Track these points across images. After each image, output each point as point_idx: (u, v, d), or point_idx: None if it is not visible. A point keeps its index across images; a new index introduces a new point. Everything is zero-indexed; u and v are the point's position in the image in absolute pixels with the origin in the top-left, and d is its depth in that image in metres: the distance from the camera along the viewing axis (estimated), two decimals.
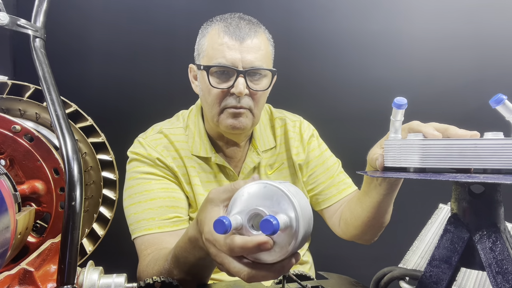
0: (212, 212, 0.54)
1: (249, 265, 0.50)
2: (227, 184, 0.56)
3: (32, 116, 0.72)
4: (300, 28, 1.74)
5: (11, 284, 0.46)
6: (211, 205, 0.56)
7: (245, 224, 0.49)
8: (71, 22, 1.63)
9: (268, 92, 1.02)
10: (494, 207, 0.46)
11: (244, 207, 0.50)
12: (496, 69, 1.72)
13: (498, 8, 1.73)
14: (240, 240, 0.48)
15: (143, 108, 1.66)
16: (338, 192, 1.10)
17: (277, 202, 0.48)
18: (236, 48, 0.93)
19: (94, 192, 0.76)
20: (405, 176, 0.49)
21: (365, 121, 1.68)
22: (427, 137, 0.60)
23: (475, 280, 0.62)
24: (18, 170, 0.63)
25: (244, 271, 0.50)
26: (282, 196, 0.48)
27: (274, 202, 0.48)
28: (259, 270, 0.50)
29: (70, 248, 0.47)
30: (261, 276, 0.50)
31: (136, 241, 0.95)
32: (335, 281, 0.74)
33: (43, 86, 0.56)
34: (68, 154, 0.50)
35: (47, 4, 0.61)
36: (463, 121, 0.75)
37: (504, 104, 0.48)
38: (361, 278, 0.76)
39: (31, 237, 0.65)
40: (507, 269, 0.43)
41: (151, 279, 0.65)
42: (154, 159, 0.99)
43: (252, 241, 0.47)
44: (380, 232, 1.02)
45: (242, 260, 0.50)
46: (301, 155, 1.11)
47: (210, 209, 0.55)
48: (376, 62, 1.75)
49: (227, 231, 0.46)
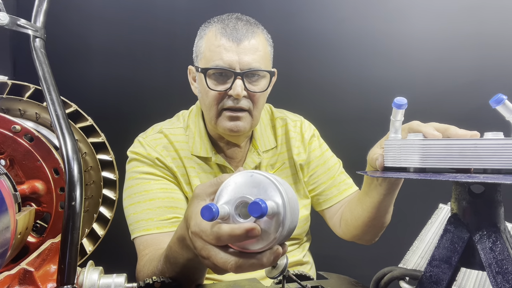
0: (198, 207, 0.54)
1: (236, 254, 0.49)
2: (212, 179, 0.56)
3: (32, 116, 0.72)
4: (300, 28, 1.74)
5: (11, 284, 0.46)
6: (197, 199, 0.56)
7: (232, 213, 0.49)
8: (71, 22, 1.63)
9: (267, 93, 1.02)
10: (494, 207, 0.46)
11: (231, 197, 0.49)
12: (496, 69, 1.72)
13: (498, 8, 1.73)
14: (227, 227, 0.48)
15: (143, 108, 1.66)
16: (339, 193, 1.10)
17: (264, 190, 0.48)
18: (233, 49, 0.93)
19: (94, 192, 0.76)
20: (405, 176, 0.49)
21: (365, 121, 1.68)
22: (427, 137, 0.60)
23: (475, 280, 0.62)
24: (18, 170, 0.63)
25: (232, 261, 0.49)
26: (269, 184, 0.48)
27: (261, 189, 0.48)
28: (246, 258, 0.49)
29: (70, 248, 0.47)
30: (249, 265, 0.49)
31: (135, 241, 0.95)
32: (335, 281, 0.74)
33: (43, 86, 0.56)
34: (68, 154, 0.50)
35: (47, 4, 0.61)
36: (463, 121, 0.75)
37: (504, 104, 0.48)
38: (361, 278, 0.76)
39: (31, 237, 0.65)
40: (507, 269, 0.43)
41: (151, 279, 0.65)
42: (153, 159, 0.99)
43: (239, 228, 0.47)
44: (381, 232, 1.02)
45: (229, 250, 0.50)
46: (302, 155, 1.11)
47: (197, 204, 0.55)
48: (376, 62, 1.75)
49: (215, 217, 0.46)
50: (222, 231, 0.48)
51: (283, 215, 0.47)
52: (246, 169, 0.55)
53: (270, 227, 0.48)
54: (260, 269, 0.50)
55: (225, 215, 0.48)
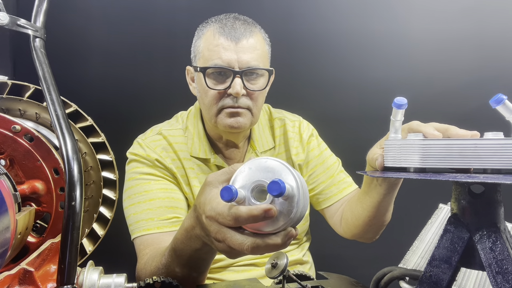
0: (211, 193, 0.55)
1: (251, 235, 0.51)
2: (225, 168, 0.57)
3: (32, 116, 0.72)
4: (300, 28, 1.74)
5: (11, 284, 0.46)
6: (209, 187, 0.56)
7: (248, 196, 0.51)
8: (71, 22, 1.63)
9: (266, 91, 1.02)
10: (494, 207, 0.46)
11: (246, 181, 0.51)
12: (496, 69, 1.72)
13: (498, 8, 1.73)
14: (245, 208, 0.49)
15: (143, 108, 1.66)
16: (338, 191, 1.10)
17: (279, 174, 0.50)
18: (232, 48, 0.93)
19: (94, 192, 0.76)
20: (405, 176, 0.49)
21: (365, 121, 1.68)
22: (427, 137, 0.60)
23: (475, 280, 0.62)
24: (18, 170, 0.63)
25: (248, 242, 0.50)
26: (283, 169, 0.51)
27: (276, 174, 0.51)
28: (262, 239, 0.51)
29: (70, 248, 0.47)
30: (264, 246, 0.51)
31: (136, 241, 0.95)
32: (335, 281, 0.74)
33: (43, 86, 0.56)
34: (68, 154, 0.50)
35: (47, 4, 0.61)
36: (463, 121, 0.75)
37: (504, 104, 0.48)
38: (361, 278, 0.76)
39: (31, 237, 0.65)
40: (507, 269, 0.43)
41: (151, 279, 0.65)
42: (153, 160, 0.99)
43: (257, 209, 0.48)
44: (381, 230, 1.02)
45: (244, 232, 0.52)
46: (301, 155, 1.11)
47: (209, 191, 0.56)
48: (376, 62, 1.75)
49: (234, 198, 0.48)
50: (240, 211, 0.50)
51: (297, 197, 0.49)
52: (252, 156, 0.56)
53: (284, 209, 0.50)
54: (274, 250, 0.52)
55: (241, 198, 0.50)
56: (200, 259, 0.68)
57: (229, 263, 1.02)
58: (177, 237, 0.68)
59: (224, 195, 0.48)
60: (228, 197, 0.48)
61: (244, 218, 0.49)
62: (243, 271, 1.03)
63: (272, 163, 0.51)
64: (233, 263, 1.03)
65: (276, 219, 0.50)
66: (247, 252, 0.51)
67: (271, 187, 0.47)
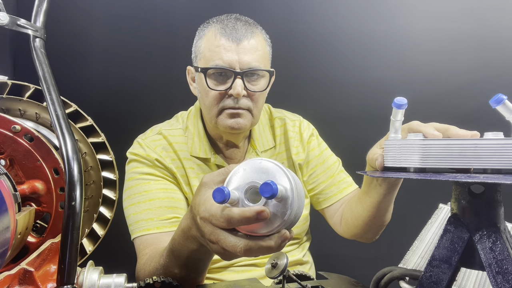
0: (206, 194, 0.55)
1: (245, 237, 0.50)
2: (220, 169, 0.57)
3: (32, 116, 0.72)
4: (300, 28, 1.74)
5: (11, 284, 0.46)
6: (205, 188, 0.56)
7: (242, 198, 0.50)
8: (71, 22, 1.63)
9: (266, 92, 1.02)
10: (494, 207, 0.46)
11: (241, 183, 0.51)
12: (496, 69, 1.72)
13: (498, 8, 1.73)
14: (238, 210, 0.49)
15: (143, 108, 1.66)
16: (339, 191, 1.10)
17: (273, 175, 0.50)
18: (233, 49, 0.93)
19: (94, 192, 0.76)
20: (405, 176, 0.49)
21: (365, 121, 1.68)
22: (427, 137, 0.60)
23: (475, 280, 0.62)
24: (18, 170, 0.63)
25: (241, 244, 0.50)
26: (277, 170, 0.50)
27: (270, 175, 0.50)
28: (255, 241, 0.50)
29: (70, 248, 0.47)
30: (257, 248, 0.50)
31: (135, 241, 0.95)
32: (335, 281, 0.74)
33: (43, 86, 0.56)
34: (68, 154, 0.50)
35: (47, 4, 0.61)
36: (463, 121, 0.75)
37: (504, 104, 0.48)
38: (361, 278, 0.76)
39: (31, 237, 0.65)
40: (507, 269, 0.43)
41: (151, 279, 0.65)
42: (153, 160, 0.99)
43: (249, 210, 0.48)
44: (382, 230, 1.02)
45: (238, 234, 0.51)
46: (301, 154, 1.11)
47: (205, 192, 0.56)
48: (376, 62, 1.75)
49: (226, 199, 0.47)
50: (232, 213, 0.49)
51: (291, 199, 0.49)
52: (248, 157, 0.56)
53: (278, 211, 0.49)
54: (268, 253, 0.51)
55: (235, 200, 0.49)
56: (198, 260, 0.68)
57: (229, 263, 1.02)
58: (175, 238, 0.68)
59: (216, 197, 0.47)
60: (220, 199, 0.47)
61: (236, 220, 0.49)
62: (243, 271, 1.03)
63: (266, 164, 0.50)
64: (233, 263, 1.03)
65: (269, 221, 0.49)
66: (240, 255, 0.50)
67: (263, 189, 0.46)
